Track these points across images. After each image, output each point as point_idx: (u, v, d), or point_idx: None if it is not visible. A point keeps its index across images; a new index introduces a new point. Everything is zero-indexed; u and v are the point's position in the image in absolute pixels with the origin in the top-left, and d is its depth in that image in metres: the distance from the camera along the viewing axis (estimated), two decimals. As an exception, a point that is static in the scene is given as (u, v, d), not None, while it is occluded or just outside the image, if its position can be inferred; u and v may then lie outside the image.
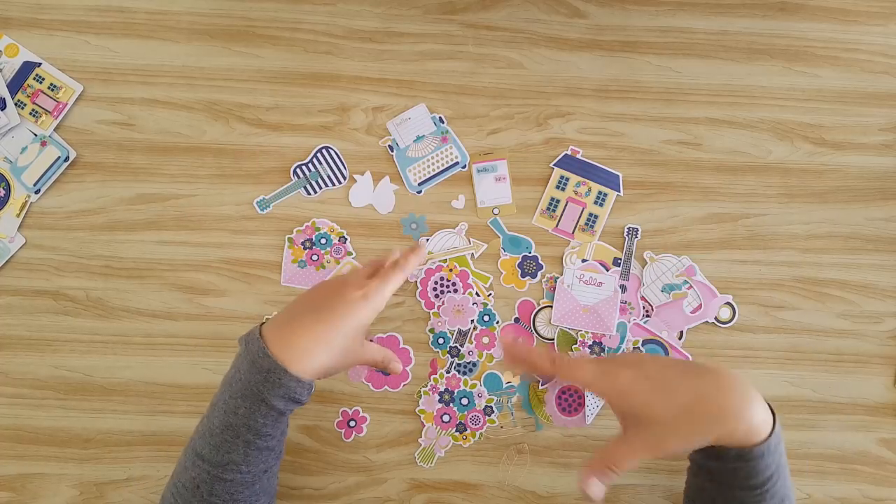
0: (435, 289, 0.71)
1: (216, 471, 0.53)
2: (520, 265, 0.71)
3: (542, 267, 0.71)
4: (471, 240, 0.71)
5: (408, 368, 0.70)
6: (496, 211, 0.72)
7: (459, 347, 0.70)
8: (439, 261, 0.71)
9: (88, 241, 0.71)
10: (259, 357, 0.52)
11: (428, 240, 0.71)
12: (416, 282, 0.71)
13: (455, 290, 0.70)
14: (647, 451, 0.52)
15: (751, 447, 0.50)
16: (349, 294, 0.56)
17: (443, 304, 0.70)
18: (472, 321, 0.70)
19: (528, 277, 0.71)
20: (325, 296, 0.56)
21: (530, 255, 0.71)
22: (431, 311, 0.70)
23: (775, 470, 0.51)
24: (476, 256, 0.71)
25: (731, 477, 0.52)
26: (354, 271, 0.62)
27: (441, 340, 0.70)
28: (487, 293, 0.71)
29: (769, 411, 0.52)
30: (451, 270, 0.71)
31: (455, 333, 0.70)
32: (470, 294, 0.70)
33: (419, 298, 0.70)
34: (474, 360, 0.70)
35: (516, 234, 0.72)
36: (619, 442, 0.53)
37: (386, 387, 0.70)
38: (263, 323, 0.56)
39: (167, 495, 0.56)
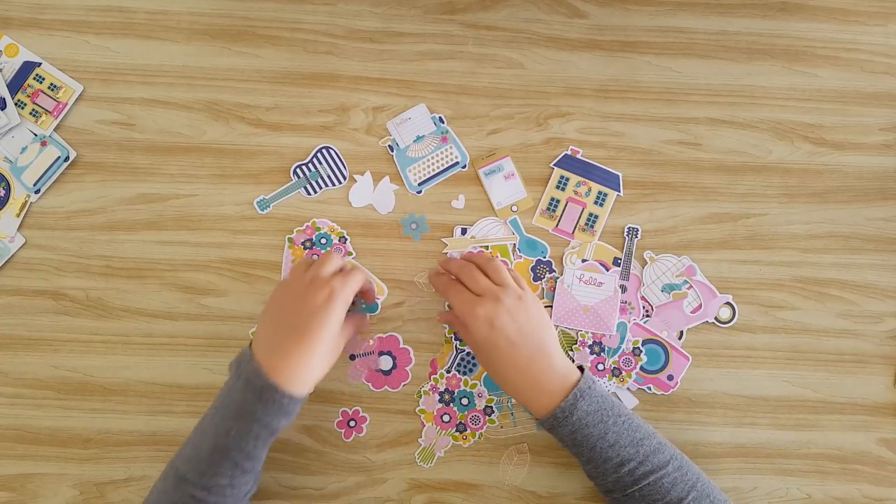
0: None
1: (201, 493, 0.55)
2: (533, 269, 0.71)
3: (553, 273, 0.71)
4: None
5: (407, 368, 0.70)
6: (515, 208, 0.72)
7: None
8: (481, 247, 0.71)
9: (88, 241, 0.71)
10: (253, 377, 0.55)
11: (465, 230, 0.71)
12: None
13: None
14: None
15: (540, 419, 0.61)
16: (317, 300, 0.58)
17: None
18: None
19: (539, 282, 0.71)
20: (295, 311, 0.58)
21: (544, 259, 0.71)
22: None
23: (573, 432, 0.59)
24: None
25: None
26: (317, 270, 0.61)
27: None
28: None
29: (565, 395, 0.59)
30: None
31: None
32: None
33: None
34: (473, 354, 0.70)
35: (534, 238, 0.72)
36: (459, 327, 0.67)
37: (386, 387, 0.70)
38: (251, 344, 0.59)
39: None
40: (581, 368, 0.62)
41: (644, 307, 0.71)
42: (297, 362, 0.56)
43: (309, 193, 0.72)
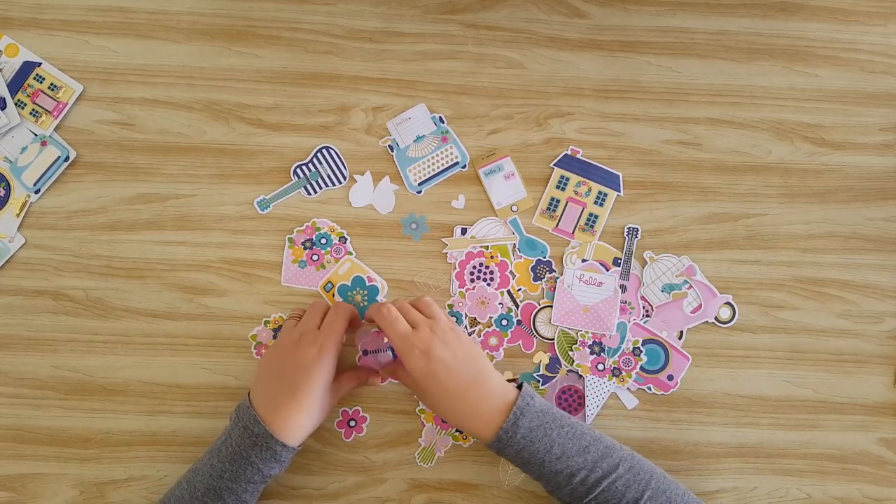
0: (472, 272, 0.71)
1: None
2: (533, 269, 0.71)
3: (553, 273, 0.71)
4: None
5: (408, 368, 0.70)
6: (515, 209, 0.72)
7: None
8: (480, 247, 0.71)
9: (88, 241, 0.71)
10: (251, 423, 0.59)
11: (465, 230, 0.71)
12: (455, 263, 0.71)
13: (490, 282, 0.71)
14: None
15: (487, 443, 0.60)
16: (307, 356, 0.61)
17: (473, 289, 0.70)
18: (491, 318, 0.70)
19: (539, 282, 0.71)
20: (288, 367, 0.61)
21: (544, 259, 0.71)
22: (458, 291, 0.70)
23: (519, 451, 0.59)
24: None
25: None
26: (304, 325, 0.64)
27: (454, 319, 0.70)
28: (519, 300, 0.71)
29: (501, 422, 0.59)
30: (491, 258, 0.71)
31: (469, 319, 0.70)
32: (501, 293, 0.71)
33: (454, 279, 0.71)
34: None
35: (534, 238, 0.72)
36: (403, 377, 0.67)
37: (390, 379, 0.70)
38: (249, 394, 0.62)
39: None
40: (520, 386, 0.62)
41: (644, 307, 0.71)
42: (290, 414, 0.59)
43: (309, 193, 0.72)
